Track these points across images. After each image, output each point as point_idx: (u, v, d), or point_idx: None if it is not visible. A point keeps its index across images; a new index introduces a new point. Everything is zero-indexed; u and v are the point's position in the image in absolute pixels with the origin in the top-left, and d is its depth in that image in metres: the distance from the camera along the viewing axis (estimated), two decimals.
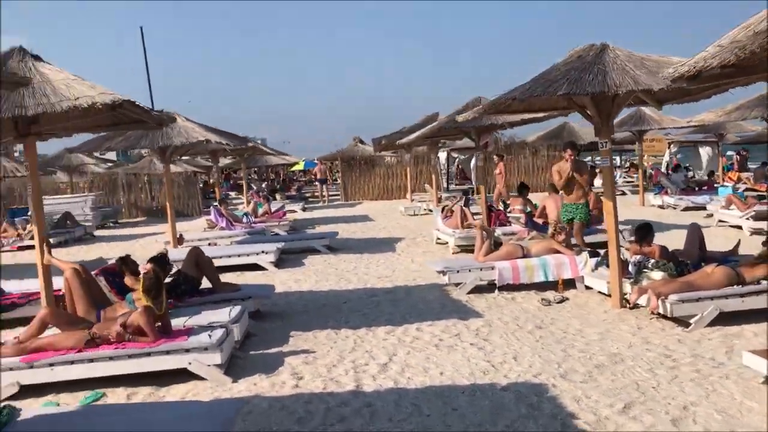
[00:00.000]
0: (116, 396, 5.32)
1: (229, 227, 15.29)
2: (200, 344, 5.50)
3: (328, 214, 22.47)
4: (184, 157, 25.23)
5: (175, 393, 5.31)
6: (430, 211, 19.60)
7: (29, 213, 20.10)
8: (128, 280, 7.20)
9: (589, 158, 33.19)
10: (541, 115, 11.36)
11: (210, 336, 5.61)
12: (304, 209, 24.31)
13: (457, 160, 26.81)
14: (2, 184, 22.13)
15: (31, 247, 16.56)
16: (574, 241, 9.38)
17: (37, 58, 6.64)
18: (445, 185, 24.39)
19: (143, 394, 5.32)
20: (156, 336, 5.57)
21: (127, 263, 7.39)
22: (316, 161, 34.36)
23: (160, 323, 5.76)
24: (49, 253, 6.87)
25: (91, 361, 5.42)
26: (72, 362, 5.40)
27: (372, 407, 4.79)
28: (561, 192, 10.13)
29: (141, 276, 5.91)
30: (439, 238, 13.06)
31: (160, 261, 6.61)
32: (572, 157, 9.45)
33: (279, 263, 11.43)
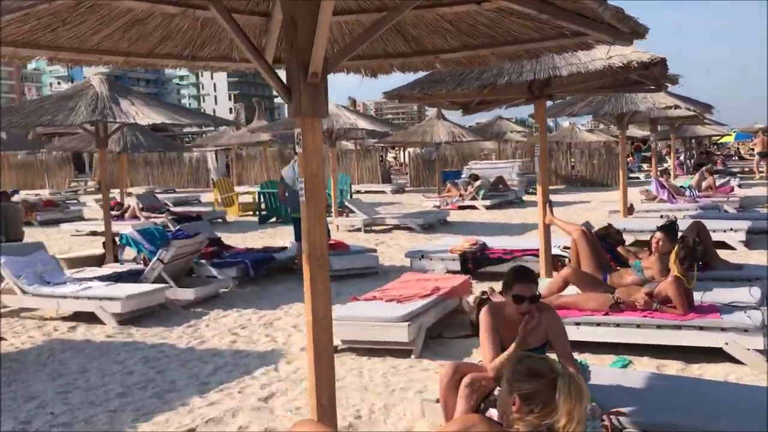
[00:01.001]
0: (642, 365, 5.14)
1: (671, 200, 14.36)
2: (740, 325, 4.99)
3: None
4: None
5: (711, 373, 4.91)
6: None
7: (463, 175, 22.03)
8: (622, 249, 7.06)
9: None
10: None
11: (749, 317, 5.05)
12: (740, 186, 21.77)
13: None
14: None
15: (470, 207, 18.19)
16: None
17: None
18: None
19: (674, 369, 5.05)
20: (686, 309, 5.22)
21: (612, 231, 7.26)
22: (756, 133, 30.47)
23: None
24: (551, 213, 7.04)
25: (618, 325, 5.33)
26: (598, 324, 5.37)
27: None
28: None
29: (675, 245, 5.56)
30: None
31: (670, 229, 6.26)
32: None
33: (747, 243, 10.26)
